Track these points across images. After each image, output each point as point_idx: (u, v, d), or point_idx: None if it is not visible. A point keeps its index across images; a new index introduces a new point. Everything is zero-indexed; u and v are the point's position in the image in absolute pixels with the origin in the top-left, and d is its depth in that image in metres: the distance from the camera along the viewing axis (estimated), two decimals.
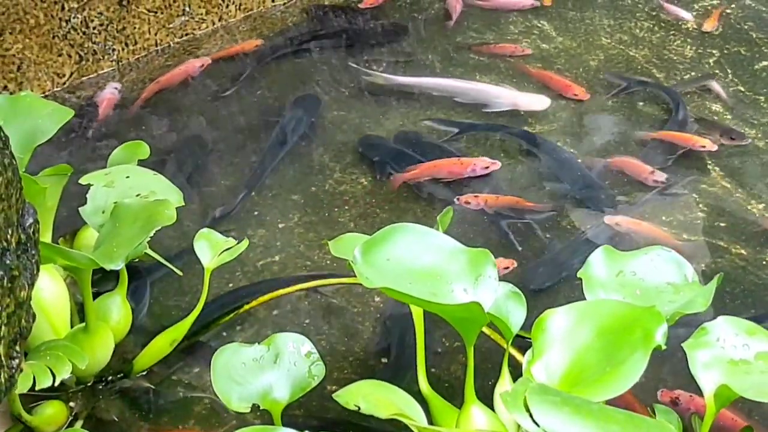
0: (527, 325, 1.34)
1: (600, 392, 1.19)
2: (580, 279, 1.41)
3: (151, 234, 1.41)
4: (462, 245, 1.39)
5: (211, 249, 1.58)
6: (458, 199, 1.94)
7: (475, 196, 1.94)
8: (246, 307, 1.71)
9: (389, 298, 1.61)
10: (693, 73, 2.34)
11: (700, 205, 1.95)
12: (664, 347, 1.20)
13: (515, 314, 1.39)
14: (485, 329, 1.59)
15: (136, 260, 1.55)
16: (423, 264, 1.35)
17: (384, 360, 1.62)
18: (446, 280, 1.34)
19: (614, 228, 1.85)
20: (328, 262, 1.81)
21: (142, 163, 1.67)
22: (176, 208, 1.47)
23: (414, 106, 2.25)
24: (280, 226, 1.92)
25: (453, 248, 1.38)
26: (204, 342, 1.65)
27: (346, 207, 1.97)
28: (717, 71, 2.33)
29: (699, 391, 1.27)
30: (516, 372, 1.39)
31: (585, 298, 1.38)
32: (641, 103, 2.25)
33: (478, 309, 1.26)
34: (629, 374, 1.19)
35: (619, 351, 1.22)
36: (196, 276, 1.71)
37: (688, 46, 2.42)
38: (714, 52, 2.40)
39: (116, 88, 2.25)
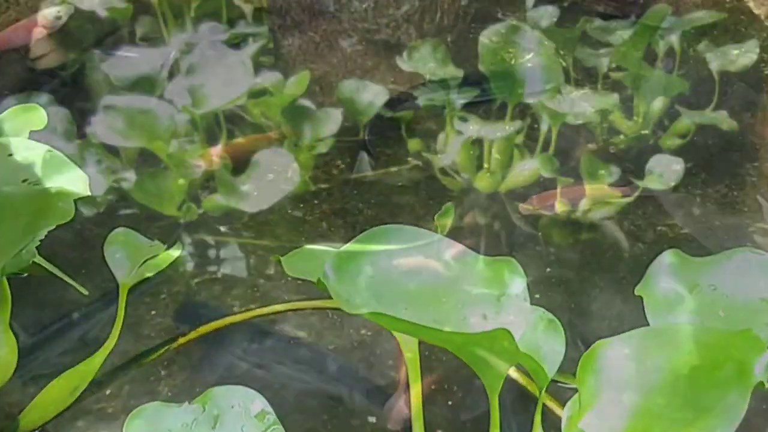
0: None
1: None
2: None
3: (41, 236, 1.11)
4: (475, 253, 1.16)
5: (130, 258, 1.26)
6: None
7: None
8: (181, 340, 1.34)
9: None
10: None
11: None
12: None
13: (551, 351, 1.12)
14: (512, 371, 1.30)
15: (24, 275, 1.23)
16: (421, 281, 1.13)
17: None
18: (456, 302, 1.11)
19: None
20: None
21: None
22: None
23: None
24: (222, 229, 1.61)
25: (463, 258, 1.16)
26: (119, 392, 1.31)
27: (316, 201, 1.65)
28: None
29: None
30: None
31: (648, 324, 1.15)
32: None
33: (505, 338, 1.00)
34: (721, 425, 1.00)
35: (703, 394, 1.03)
36: None
37: None
38: None
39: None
